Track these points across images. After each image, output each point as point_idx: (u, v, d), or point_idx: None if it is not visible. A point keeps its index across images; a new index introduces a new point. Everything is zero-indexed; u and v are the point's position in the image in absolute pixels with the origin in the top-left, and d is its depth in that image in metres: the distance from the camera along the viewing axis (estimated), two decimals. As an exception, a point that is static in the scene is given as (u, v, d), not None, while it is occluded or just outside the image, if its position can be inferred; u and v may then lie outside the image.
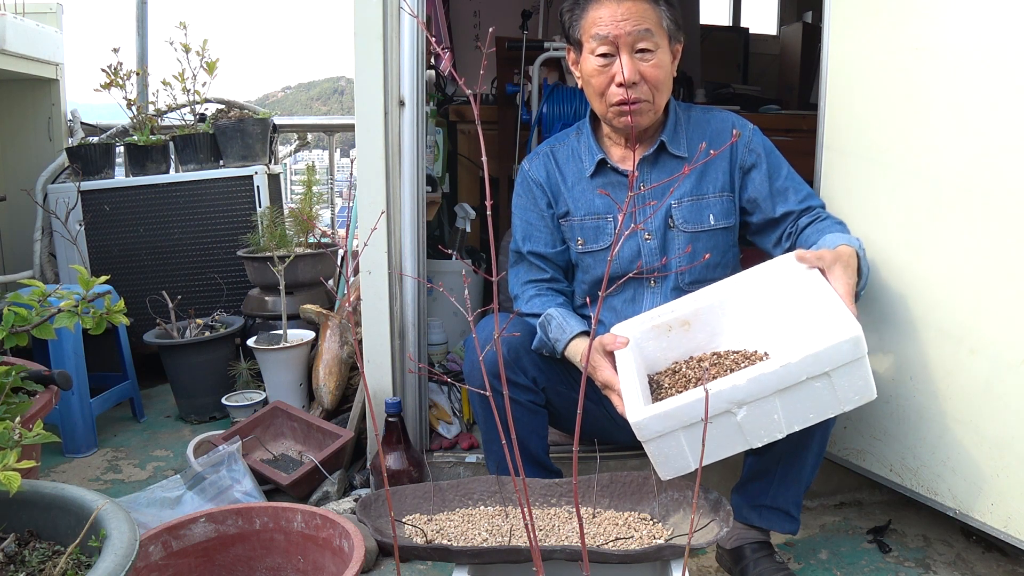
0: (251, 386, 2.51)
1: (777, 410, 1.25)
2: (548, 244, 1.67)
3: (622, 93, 1.52)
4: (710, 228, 1.62)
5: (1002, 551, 1.67)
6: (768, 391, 1.23)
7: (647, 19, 1.50)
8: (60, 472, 2.15)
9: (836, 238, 1.46)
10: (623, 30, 1.49)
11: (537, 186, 1.68)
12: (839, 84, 1.69)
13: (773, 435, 1.27)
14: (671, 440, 1.26)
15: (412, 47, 1.80)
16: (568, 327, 1.55)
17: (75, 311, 1.29)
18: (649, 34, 1.50)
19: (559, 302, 1.64)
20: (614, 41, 1.50)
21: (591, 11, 1.52)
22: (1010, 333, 1.39)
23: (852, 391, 1.24)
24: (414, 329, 1.91)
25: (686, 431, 1.25)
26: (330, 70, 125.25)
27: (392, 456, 1.81)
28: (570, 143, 1.71)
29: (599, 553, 1.20)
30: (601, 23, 1.50)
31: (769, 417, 1.25)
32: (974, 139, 1.42)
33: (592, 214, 1.65)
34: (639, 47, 1.50)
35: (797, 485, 1.51)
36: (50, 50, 3.17)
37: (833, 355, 1.21)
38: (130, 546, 0.92)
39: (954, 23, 1.44)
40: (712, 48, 4.26)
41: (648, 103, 1.55)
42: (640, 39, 1.50)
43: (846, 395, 1.25)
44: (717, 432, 1.26)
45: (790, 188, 1.61)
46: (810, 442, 1.47)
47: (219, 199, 2.88)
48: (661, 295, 1.63)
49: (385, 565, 1.66)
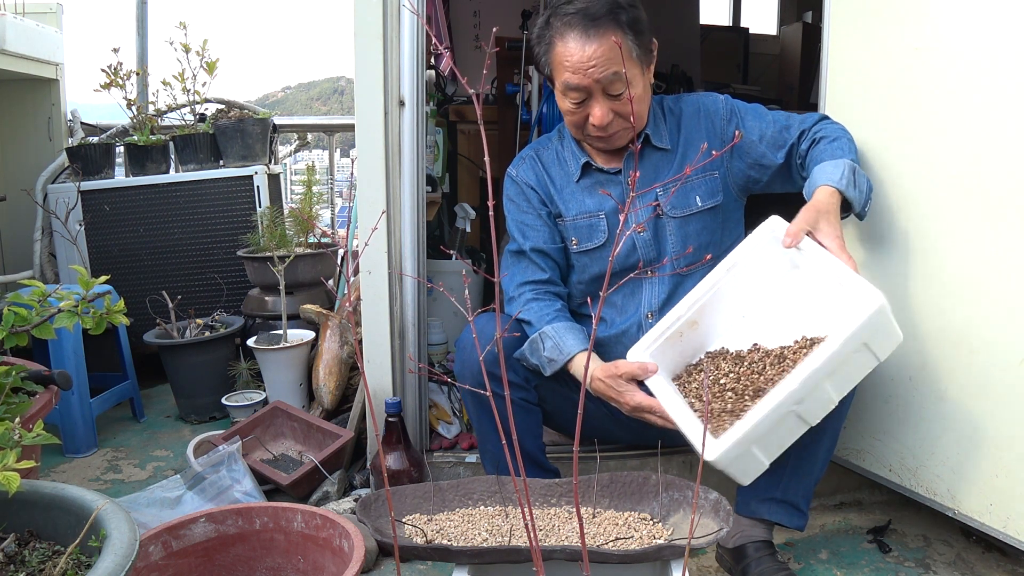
0: (251, 386, 2.51)
1: (828, 391, 1.30)
2: (548, 240, 1.67)
3: (599, 130, 1.54)
4: (698, 210, 1.62)
5: (1002, 551, 1.67)
6: (819, 380, 1.27)
7: (615, 60, 1.46)
8: (60, 472, 2.15)
9: (817, 174, 1.48)
10: (592, 77, 1.47)
11: (529, 188, 1.69)
12: (839, 84, 1.69)
13: (827, 408, 1.32)
14: (747, 456, 1.30)
15: (412, 47, 1.80)
16: (565, 346, 1.54)
17: (75, 311, 1.29)
18: (619, 76, 1.47)
19: (556, 308, 1.63)
20: (586, 88, 1.50)
21: (558, 46, 1.50)
22: (1009, 333, 1.39)
23: (886, 346, 1.31)
24: (414, 329, 1.91)
25: (757, 443, 1.29)
26: (330, 70, 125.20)
27: (392, 456, 1.81)
28: (553, 147, 1.71)
29: (599, 553, 1.20)
30: (570, 68, 1.48)
31: (822, 397, 1.30)
32: (974, 138, 1.42)
33: (584, 213, 1.65)
34: (610, 91, 1.49)
35: (808, 478, 1.51)
36: (50, 50, 3.17)
37: (867, 328, 1.25)
38: (130, 546, 0.92)
39: (954, 23, 1.44)
40: (712, 48, 4.26)
41: (627, 129, 1.56)
42: (611, 83, 1.48)
43: (882, 350, 1.30)
44: (782, 429, 1.31)
45: (782, 129, 1.61)
46: (822, 436, 1.46)
47: (219, 199, 2.88)
48: (659, 284, 1.64)
49: (385, 565, 1.66)
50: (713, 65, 4.17)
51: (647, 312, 1.63)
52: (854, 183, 1.46)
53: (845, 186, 1.45)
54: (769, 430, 1.27)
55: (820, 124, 1.60)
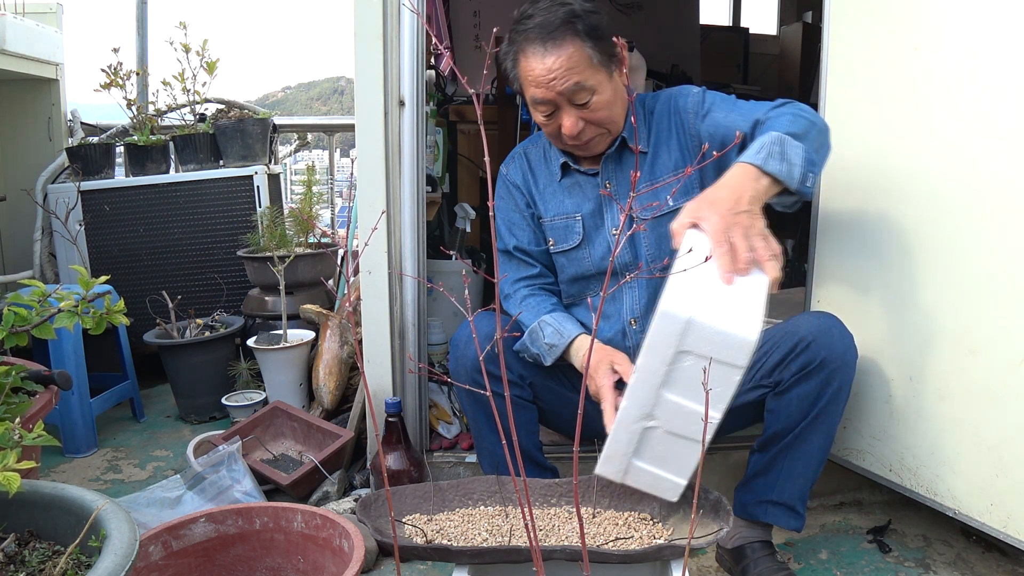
0: (251, 386, 2.51)
1: (678, 402, 1.19)
2: (532, 242, 1.68)
3: (572, 140, 1.54)
4: (670, 210, 1.56)
5: (1002, 551, 1.67)
6: (649, 394, 1.19)
7: (575, 69, 1.45)
8: (60, 472, 2.15)
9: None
10: (555, 90, 1.47)
11: (515, 187, 1.70)
12: (839, 84, 1.69)
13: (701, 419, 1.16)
14: (640, 472, 1.27)
15: (412, 47, 1.80)
16: (566, 330, 1.54)
17: (75, 311, 1.29)
18: (581, 86, 1.46)
19: (552, 302, 1.64)
20: (551, 101, 1.49)
21: (522, 62, 1.50)
22: (1009, 333, 1.39)
23: (722, 350, 1.12)
24: (414, 329, 1.91)
25: (641, 458, 1.26)
26: (330, 70, 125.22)
27: (392, 456, 1.81)
28: (541, 144, 1.71)
29: (599, 553, 1.20)
30: (534, 82, 1.48)
31: (678, 410, 1.19)
32: (973, 138, 1.42)
33: (561, 214, 1.65)
34: (576, 101, 1.49)
35: (802, 480, 1.51)
36: (50, 50, 3.17)
37: (664, 337, 1.13)
38: (130, 546, 0.92)
39: (954, 23, 1.44)
40: (712, 48, 4.26)
41: (601, 135, 1.56)
42: (575, 93, 1.47)
43: (728, 357, 1.13)
44: (660, 445, 1.25)
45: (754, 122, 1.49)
46: (811, 435, 1.46)
47: (219, 199, 2.88)
48: (639, 288, 1.63)
49: (385, 565, 1.66)
50: (713, 65, 4.17)
51: (630, 318, 1.62)
52: (781, 155, 1.29)
53: (764, 159, 1.28)
54: (640, 446, 1.24)
55: (775, 109, 1.49)
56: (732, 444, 1.85)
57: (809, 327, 1.46)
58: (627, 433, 1.25)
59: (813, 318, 1.49)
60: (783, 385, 1.47)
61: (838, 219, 1.72)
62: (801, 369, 1.44)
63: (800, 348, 1.45)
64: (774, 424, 1.49)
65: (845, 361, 1.44)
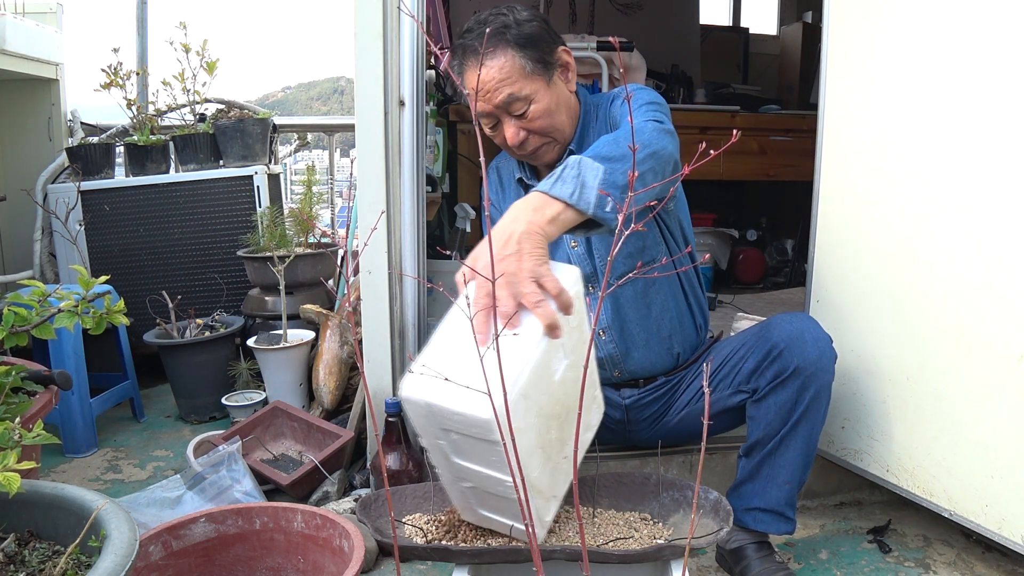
0: (251, 386, 2.51)
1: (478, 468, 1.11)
2: None
3: (519, 150, 1.54)
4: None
5: (1002, 551, 1.67)
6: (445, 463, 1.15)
7: (507, 80, 1.45)
8: (60, 472, 2.15)
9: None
10: (491, 103, 1.47)
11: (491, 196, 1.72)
12: (839, 84, 1.69)
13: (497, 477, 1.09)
14: (486, 519, 1.23)
15: (412, 47, 1.80)
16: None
17: (75, 311, 1.29)
18: (515, 97, 1.46)
19: None
20: (491, 114, 1.49)
21: (464, 76, 1.51)
22: (1007, 335, 1.39)
23: (468, 428, 1.04)
24: (414, 329, 1.91)
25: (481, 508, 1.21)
26: (330, 70, 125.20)
27: (392, 456, 1.81)
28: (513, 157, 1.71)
29: (599, 553, 1.20)
30: (474, 96, 1.48)
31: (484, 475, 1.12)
32: (973, 138, 1.42)
33: None
34: (513, 112, 1.48)
35: (788, 486, 1.50)
36: (50, 50, 3.17)
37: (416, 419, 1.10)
38: (130, 546, 0.92)
39: (954, 23, 1.44)
40: (712, 48, 4.26)
41: (548, 144, 1.54)
42: (510, 104, 1.47)
43: (472, 432, 1.05)
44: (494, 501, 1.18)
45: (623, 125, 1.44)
46: (792, 441, 1.47)
47: (219, 199, 2.88)
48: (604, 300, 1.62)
49: (385, 565, 1.66)
50: (713, 65, 4.18)
51: (599, 329, 1.62)
52: (575, 178, 1.16)
53: (551, 184, 1.17)
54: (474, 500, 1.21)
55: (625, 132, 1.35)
56: (732, 444, 1.85)
57: (781, 333, 1.45)
58: (455, 490, 1.23)
59: (786, 323, 1.48)
60: (760, 393, 1.47)
61: (838, 219, 1.72)
62: (776, 377, 1.44)
63: (773, 355, 1.44)
64: (755, 431, 1.50)
65: (820, 367, 1.43)
